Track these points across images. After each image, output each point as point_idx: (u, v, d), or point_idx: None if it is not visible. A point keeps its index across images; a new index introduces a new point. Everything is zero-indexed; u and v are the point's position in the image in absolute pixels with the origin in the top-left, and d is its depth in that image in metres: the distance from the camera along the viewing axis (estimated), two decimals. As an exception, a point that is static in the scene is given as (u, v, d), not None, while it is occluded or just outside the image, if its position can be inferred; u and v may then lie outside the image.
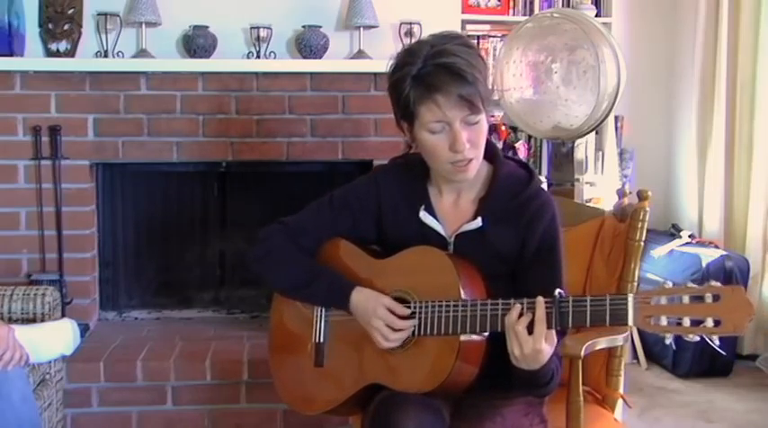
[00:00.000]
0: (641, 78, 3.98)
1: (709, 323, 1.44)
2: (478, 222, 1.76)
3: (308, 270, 1.83)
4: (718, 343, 1.44)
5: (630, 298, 1.51)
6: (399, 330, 1.70)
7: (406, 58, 1.70)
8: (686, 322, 1.46)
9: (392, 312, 1.71)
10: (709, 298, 1.45)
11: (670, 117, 4.23)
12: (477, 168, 1.74)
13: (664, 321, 1.47)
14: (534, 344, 1.55)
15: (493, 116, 1.80)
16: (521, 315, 1.57)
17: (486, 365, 1.69)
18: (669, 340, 1.49)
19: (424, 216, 1.79)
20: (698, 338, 1.46)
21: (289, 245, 1.85)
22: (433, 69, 1.64)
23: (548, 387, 1.68)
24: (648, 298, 1.49)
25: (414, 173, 1.84)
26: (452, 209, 1.81)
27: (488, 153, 1.78)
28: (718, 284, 1.46)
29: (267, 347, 1.98)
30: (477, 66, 1.66)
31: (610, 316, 1.52)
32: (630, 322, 1.51)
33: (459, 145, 1.66)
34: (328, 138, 3.22)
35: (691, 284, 1.48)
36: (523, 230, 1.75)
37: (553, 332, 1.57)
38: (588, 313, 1.54)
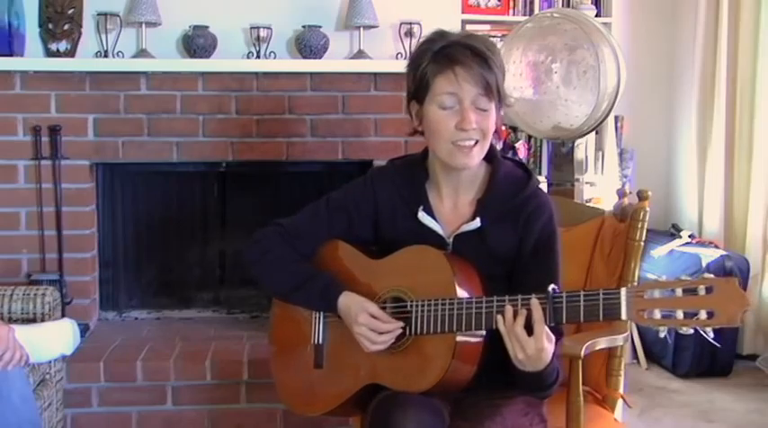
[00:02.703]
0: (641, 78, 3.98)
1: (703, 315, 1.43)
2: (477, 223, 1.76)
3: (299, 273, 1.83)
4: (712, 335, 1.44)
5: (623, 291, 1.51)
6: (386, 333, 1.69)
7: (431, 37, 1.73)
8: (680, 314, 1.45)
9: (376, 318, 1.71)
10: (702, 290, 1.44)
11: (670, 117, 4.23)
12: (479, 160, 1.74)
13: (657, 314, 1.47)
14: (536, 344, 1.55)
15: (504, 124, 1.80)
16: (515, 314, 1.57)
17: (485, 364, 1.69)
18: (663, 333, 1.48)
19: (422, 216, 1.79)
20: (692, 331, 1.46)
21: (284, 247, 1.85)
22: (456, 47, 1.68)
23: (553, 388, 1.68)
24: (642, 292, 1.49)
25: (412, 175, 1.84)
26: (451, 210, 1.81)
27: (487, 154, 1.78)
28: (711, 276, 1.46)
29: (268, 348, 1.98)
30: (498, 63, 1.70)
31: (603, 310, 1.52)
32: (624, 316, 1.51)
33: (466, 122, 1.66)
34: (328, 138, 3.22)
35: (684, 277, 1.48)
36: (521, 230, 1.75)
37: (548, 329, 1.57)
38: (581, 308, 1.54)
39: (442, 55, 1.68)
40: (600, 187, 3.51)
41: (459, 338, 1.65)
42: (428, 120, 1.72)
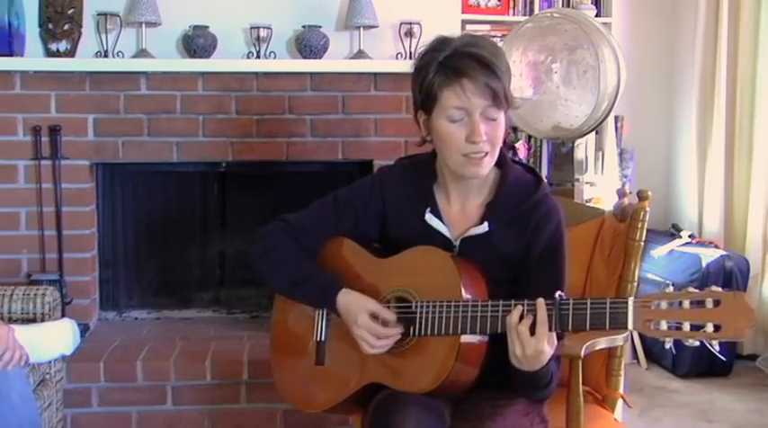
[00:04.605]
0: (641, 78, 3.97)
1: (710, 328, 1.44)
2: (485, 227, 1.76)
3: (300, 270, 1.83)
4: (718, 348, 1.44)
5: (630, 301, 1.51)
6: (385, 337, 1.70)
7: (434, 46, 1.70)
8: (686, 326, 1.46)
9: (377, 317, 1.71)
10: (709, 303, 1.44)
11: (670, 117, 4.23)
12: (490, 167, 1.73)
13: (664, 325, 1.47)
14: (536, 345, 1.55)
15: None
16: (522, 316, 1.57)
17: (486, 365, 1.69)
18: (669, 344, 1.49)
19: (429, 218, 1.79)
20: (698, 343, 1.46)
21: (288, 243, 1.85)
22: (461, 57, 1.65)
23: (546, 390, 1.68)
24: (649, 303, 1.49)
25: (420, 175, 1.83)
26: (459, 213, 1.81)
27: (497, 158, 1.76)
28: (719, 289, 1.45)
29: (268, 345, 1.98)
30: (504, 66, 1.68)
31: (609, 319, 1.52)
32: (630, 326, 1.51)
33: (476, 135, 1.65)
34: (328, 138, 3.22)
35: (692, 289, 1.48)
36: (529, 236, 1.75)
37: (554, 334, 1.57)
38: (588, 316, 1.54)
39: (447, 66, 1.66)
40: (600, 187, 3.50)
41: (463, 340, 1.65)
42: (437, 132, 1.71)
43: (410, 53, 3.31)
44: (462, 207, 1.81)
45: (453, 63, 1.65)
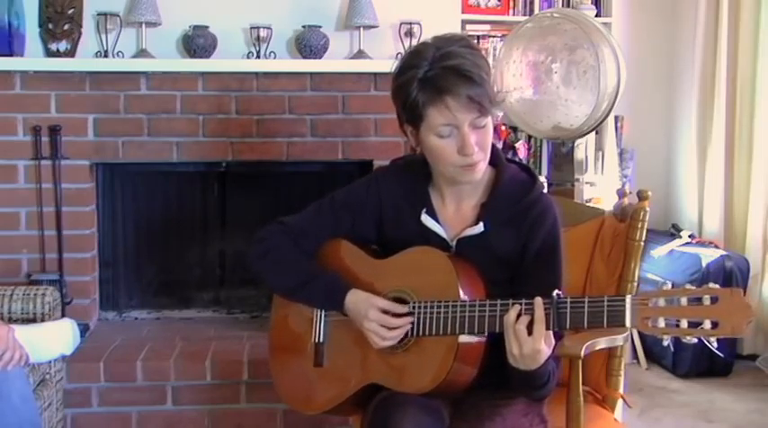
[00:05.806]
0: (641, 78, 3.98)
1: (707, 324, 1.44)
2: (480, 227, 1.76)
3: (304, 272, 1.83)
4: (716, 345, 1.44)
5: (628, 299, 1.51)
6: (396, 328, 1.70)
7: (410, 61, 1.68)
8: (684, 324, 1.46)
9: (387, 312, 1.71)
10: (707, 299, 1.44)
11: (670, 117, 4.23)
12: (484, 169, 1.73)
13: (662, 323, 1.47)
14: (534, 344, 1.55)
15: (497, 118, 1.77)
16: (519, 315, 1.57)
17: (485, 365, 1.69)
18: (667, 341, 1.49)
19: (425, 219, 1.79)
20: (696, 340, 1.46)
21: (288, 245, 1.85)
22: (440, 71, 1.63)
23: (544, 389, 1.68)
24: (646, 300, 1.49)
25: (415, 176, 1.83)
26: (454, 214, 1.81)
27: (491, 157, 1.76)
28: (717, 286, 1.45)
29: (267, 347, 1.98)
30: (483, 68, 1.66)
31: (607, 317, 1.52)
32: (628, 323, 1.50)
33: (468, 148, 1.65)
34: (328, 138, 3.22)
35: (689, 286, 1.48)
36: (525, 235, 1.75)
37: (551, 333, 1.57)
38: (585, 314, 1.54)
39: (428, 83, 1.63)
40: (600, 187, 3.50)
41: (461, 340, 1.65)
42: (428, 147, 1.71)
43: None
44: (458, 207, 1.81)
45: (433, 80, 1.63)
